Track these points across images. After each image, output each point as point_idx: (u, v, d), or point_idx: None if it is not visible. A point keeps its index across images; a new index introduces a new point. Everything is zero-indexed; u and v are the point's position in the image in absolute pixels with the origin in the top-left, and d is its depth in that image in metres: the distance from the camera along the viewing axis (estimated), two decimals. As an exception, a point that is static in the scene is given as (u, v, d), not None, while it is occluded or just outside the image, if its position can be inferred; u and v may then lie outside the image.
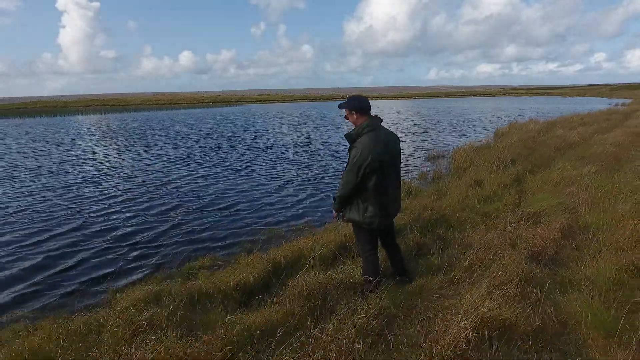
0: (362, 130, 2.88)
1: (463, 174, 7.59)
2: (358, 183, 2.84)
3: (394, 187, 3.00)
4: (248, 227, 5.74)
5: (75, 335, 2.64)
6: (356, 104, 2.94)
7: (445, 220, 4.87)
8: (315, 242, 4.04)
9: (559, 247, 3.85)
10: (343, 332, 2.43)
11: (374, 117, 2.96)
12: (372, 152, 2.78)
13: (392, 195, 2.99)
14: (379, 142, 2.84)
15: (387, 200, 2.96)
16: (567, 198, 5.05)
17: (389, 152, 2.91)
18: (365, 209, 2.93)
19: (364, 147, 2.81)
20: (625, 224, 3.95)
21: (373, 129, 2.88)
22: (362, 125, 2.90)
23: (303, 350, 2.30)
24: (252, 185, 8.39)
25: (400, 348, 2.39)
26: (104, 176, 9.49)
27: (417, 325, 2.54)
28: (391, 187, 2.96)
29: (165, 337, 2.45)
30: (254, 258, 3.92)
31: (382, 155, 2.82)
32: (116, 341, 2.52)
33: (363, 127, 2.89)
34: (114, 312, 2.85)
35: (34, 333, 2.74)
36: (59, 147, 15.32)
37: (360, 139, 2.87)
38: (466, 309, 2.49)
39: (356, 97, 2.96)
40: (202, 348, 2.31)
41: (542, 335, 2.51)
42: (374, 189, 2.87)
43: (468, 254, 3.54)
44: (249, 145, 14.91)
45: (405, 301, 2.95)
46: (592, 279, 3.13)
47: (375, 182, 2.85)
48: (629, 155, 8.00)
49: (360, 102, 2.93)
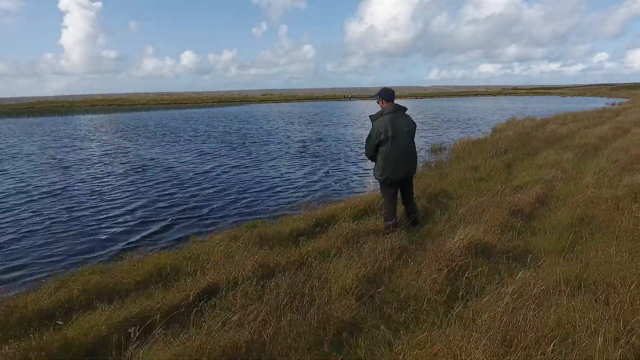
0: (382, 113, 4.08)
1: (462, 161, 8.73)
2: (372, 149, 4.12)
3: (402, 154, 4.11)
4: (288, 200, 7.09)
5: (190, 257, 3.81)
6: (383, 94, 4.16)
7: (447, 194, 6.02)
8: (346, 206, 5.21)
9: (534, 208, 5.00)
10: (376, 251, 3.59)
11: (394, 105, 4.14)
12: (383, 129, 3.98)
13: (401, 160, 4.12)
14: (390, 122, 4.01)
15: (394, 163, 4.10)
16: (546, 175, 6.20)
17: (396, 130, 4.05)
18: (378, 169, 4.18)
19: (379, 125, 4.03)
20: (586, 191, 5.10)
21: (389, 112, 4.07)
22: (383, 110, 4.11)
23: (351, 260, 3.45)
24: (283, 173, 9.60)
25: (415, 258, 3.55)
26: (145, 167, 10.62)
27: (426, 247, 3.70)
28: (400, 155, 4.09)
29: (252, 251, 3.63)
30: (299, 217, 5.08)
31: (389, 131, 3.98)
32: (218, 258, 3.69)
33: (382, 111, 4.11)
34: (211, 244, 4.03)
35: (162, 255, 3.91)
36: (92, 142, 16.57)
37: (379, 119, 4.07)
38: (460, 236, 3.65)
39: (384, 89, 4.19)
40: (283, 256, 3.48)
41: (513, 253, 3.66)
42: (384, 155, 4.08)
43: (464, 210, 4.70)
44: (267, 141, 16.06)
45: (417, 239, 4.11)
46: (554, 225, 4.29)
47: (385, 150, 4.06)
48: (608, 145, 9.12)
49: (386, 92, 4.16)
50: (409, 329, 2.53)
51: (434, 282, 2.98)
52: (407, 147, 4.19)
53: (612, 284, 2.87)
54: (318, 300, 2.80)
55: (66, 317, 2.80)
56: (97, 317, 2.58)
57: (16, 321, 2.78)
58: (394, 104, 4.17)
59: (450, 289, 2.94)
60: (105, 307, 2.75)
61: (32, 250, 4.93)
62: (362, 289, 2.96)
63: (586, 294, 2.78)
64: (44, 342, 2.36)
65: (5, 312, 2.85)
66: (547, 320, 2.43)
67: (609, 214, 4.31)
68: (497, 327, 2.28)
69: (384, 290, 3.02)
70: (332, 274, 3.15)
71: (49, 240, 5.27)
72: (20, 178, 9.36)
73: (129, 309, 2.71)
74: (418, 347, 2.22)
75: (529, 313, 2.43)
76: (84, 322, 2.56)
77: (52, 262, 4.59)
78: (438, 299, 2.82)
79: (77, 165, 11.04)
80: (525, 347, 2.19)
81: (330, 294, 2.90)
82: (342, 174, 9.56)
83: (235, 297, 2.82)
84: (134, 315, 2.62)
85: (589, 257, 3.30)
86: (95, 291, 3.16)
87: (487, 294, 2.77)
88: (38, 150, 14.34)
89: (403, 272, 3.30)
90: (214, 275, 3.17)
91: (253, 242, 4.04)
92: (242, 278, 3.10)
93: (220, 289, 3.00)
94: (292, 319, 2.56)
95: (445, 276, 3.04)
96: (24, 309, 2.90)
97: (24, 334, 2.55)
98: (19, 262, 4.62)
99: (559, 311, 2.50)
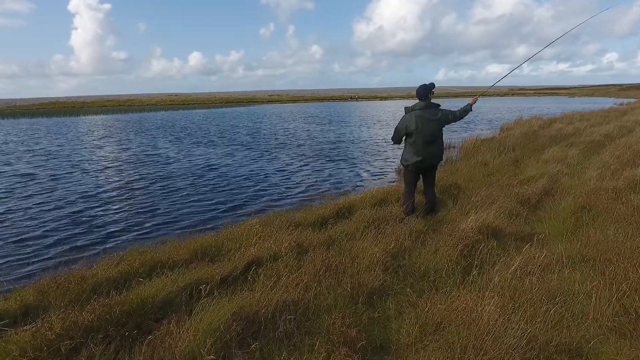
0: (412, 108, 4.52)
1: (471, 157, 9.11)
2: (399, 138, 4.63)
3: (425, 144, 4.52)
4: (332, 190, 7.58)
5: (231, 238, 4.25)
6: (417, 91, 4.61)
7: (458, 187, 6.40)
8: (365, 196, 5.64)
9: (540, 198, 5.38)
10: (397, 231, 4.01)
11: (426, 102, 4.53)
12: (409, 123, 4.44)
13: (423, 149, 4.53)
14: (417, 118, 4.45)
15: (416, 152, 4.53)
16: (552, 169, 6.57)
17: (420, 125, 4.47)
18: (403, 156, 4.67)
19: (406, 119, 4.49)
20: (589, 184, 5.48)
21: (419, 108, 4.49)
22: (414, 105, 4.54)
23: (376, 239, 3.87)
24: (333, 173, 9.69)
25: (432, 240, 3.96)
26: (202, 169, 10.57)
27: (441, 230, 4.11)
28: (422, 144, 4.51)
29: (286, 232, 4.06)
30: (322, 205, 5.51)
31: (413, 125, 4.44)
32: (253, 240, 4.13)
33: (413, 106, 4.54)
34: (247, 227, 4.47)
35: (204, 237, 4.37)
36: (136, 139, 17.17)
37: (409, 113, 4.50)
38: (472, 219, 4.05)
39: (421, 86, 4.61)
40: (314, 236, 3.92)
41: (520, 236, 4.06)
42: (409, 144, 4.56)
43: (475, 199, 5.11)
44: (302, 144, 15.30)
45: (433, 224, 4.51)
46: (558, 213, 4.68)
47: (410, 141, 4.53)
48: (612, 142, 9.46)
49: (419, 90, 4.59)
50: (430, 293, 2.94)
51: (450, 257, 3.40)
52: (430, 138, 4.56)
53: (608, 259, 3.27)
54: (350, 270, 3.23)
55: (132, 285, 3.26)
56: (164, 281, 3.04)
57: (90, 288, 3.24)
58: (426, 102, 4.55)
59: (465, 262, 3.36)
60: (167, 274, 3.20)
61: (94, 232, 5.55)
62: (388, 262, 3.38)
63: (585, 267, 3.18)
64: (123, 298, 2.82)
65: (79, 281, 3.31)
66: (550, 285, 2.84)
67: (609, 203, 4.69)
68: (506, 287, 2.69)
69: (406, 264, 3.44)
70: (359, 250, 3.58)
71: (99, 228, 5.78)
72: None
73: (189, 275, 3.16)
74: (440, 303, 2.64)
75: (534, 278, 2.84)
76: (152, 285, 3.01)
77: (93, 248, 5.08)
78: (454, 269, 3.23)
79: (133, 163, 11.53)
80: (531, 305, 2.60)
81: (360, 266, 3.32)
82: (358, 169, 9.95)
83: (278, 267, 3.25)
84: (194, 281, 3.07)
85: (588, 237, 3.70)
86: (152, 264, 3.61)
87: (497, 265, 3.18)
88: (81, 151, 14.90)
89: (422, 251, 3.72)
90: (257, 250, 3.61)
91: (285, 226, 4.47)
92: (281, 253, 3.54)
93: (264, 262, 3.44)
94: (329, 284, 2.99)
95: (460, 251, 3.46)
96: (94, 277, 3.35)
97: (101, 295, 3.01)
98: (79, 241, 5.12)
99: (561, 278, 2.91)
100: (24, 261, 4.68)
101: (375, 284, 3.07)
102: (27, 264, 4.61)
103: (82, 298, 3.05)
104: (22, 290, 3.59)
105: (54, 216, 6.35)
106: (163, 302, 2.84)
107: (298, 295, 2.79)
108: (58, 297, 3.13)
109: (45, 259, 4.73)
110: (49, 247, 5.10)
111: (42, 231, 5.66)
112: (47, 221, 6.10)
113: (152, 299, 2.83)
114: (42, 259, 4.75)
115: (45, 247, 5.11)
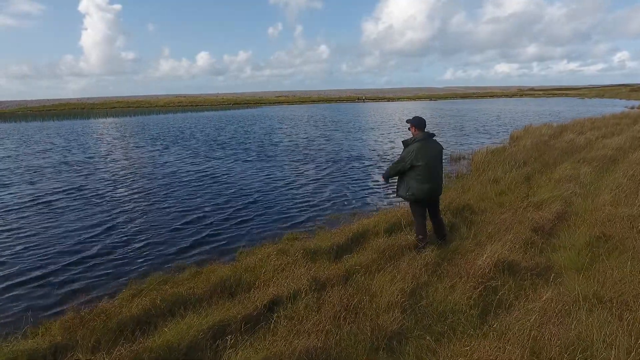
0: (414, 140, 4.55)
1: (482, 173, 9.10)
2: (401, 171, 4.60)
3: (430, 177, 4.55)
4: (346, 207, 7.53)
5: (247, 269, 4.33)
6: (415, 121, 4.64)
7: (470, 208, 6.43)
8: (378, 220, 5.69)
9: (554, 225, 5.39)
10: (413, 266, 4.05)
11: (425, 132, 4.58)
12: (414, 156, 4.45)
13: (429, 182, 4.55)
14: (421, 149, 4.48)
15: (423, 184, 4.54)
16: (564, 191, 6.57)
17: (427, 156, 4.51)
18: (408, 189, 4.62)
19: (410, 151, 4.50)
20: (603, 209, 5.48)
21: (420, 139, 4.52)
22: (415, 137, 4.57)
23: (392, 276, 3.92)
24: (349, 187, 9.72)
25: (447, 274, 4.00)
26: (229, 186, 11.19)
27: (457, 262, 4.15)
28: (427, 177, 4.52)
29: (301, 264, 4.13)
30: (336, 231, 5.57)
31: (420, 159, 4.45)
32: (273, 270, 4.20)
33: (414, 138, 4.56)
34: (262, 256, 4.55)
35: (221, 267, 4.45)
36: (176, 143, 17.35)
37: (411, 145, 4.53)
38: (488, 253, 4.09)
39: (417, 117, 4.67)
40: (331, 270, 3.98)
41: (536, 270, 4.08)
42: (414, 177, 4.54)
43: (489, 227, 5.13)
44: (336, 154, 14.91)
45: (448, 256, 4.55)
46: (573, 243, 4.69)
47: (416, 172, 4.52)
48: (625, 157, 9.39)
49: (418, 121, 4.63)
50: (449, 339, 2.99)
51: (468, 298, 3.44)
52: (434, 170, 4.63)
53: (625, 302, 3.29)
54: (369, 312, 3.29)
55: (155, 324, 3.35)
56: (188, 322, 3.12)
57: (115, 326, 3.33)
58: (425, 132, 4.62)
59: (482, 303, 3.40)
60: (190, 314, 3.29)
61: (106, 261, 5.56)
62: (405, 302, 3.43)
63: (602, 310, 3.20)
64: (150, 343, 2.90)
65: (104, 319, 3.41)
66: (569, 335, 2.87)
67: (624, 233, 4.68)
68: (526, 339, 2.73)
69: (423, 304, 3.49)
70: (377, 288, 3.63)
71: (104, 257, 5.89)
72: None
73: (212, 316, 3.24)
74: (460, 354, 2.69)
75: (553, 328, 2.88)
76: (177, 328, 3.10)
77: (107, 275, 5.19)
78: (473, 312, 3.27)
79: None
80: (551, 358, 2.64)
81: (378, 306, 3.38)
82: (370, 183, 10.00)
83: (299, 309, 3.32)
84: (217, 322, 3.15)
85: (605, 276, 3.71)
86: (173, 300, 3.70)
87: (516, 309, 3.22)
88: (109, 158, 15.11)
89: (438, 286, 3.77)
90: (276, 288, 3.68)
91: (300, 255, 4.54)
92: (300, 290, 3.61)
93: (283, 300, 3.50)
94: (350, 330, 3.05)
95: (479, 293, 3.49)
96: (118, 315, 3.45)
97: (127, 337, 3.10)
98: (84, 272, 5.23)
99: (579, 326, 2.94)
100: (46, 287, 4.80)
101: (394, 327, 3.12)
102: (49, 290, 4.73)
103: (108, 339, 3.14)
104: (48, 324, 3.71)
105: (72, 243, 6.35)
106: (188, 347, 2.92)
107: (319, 343, 2.85)
108: (85, 336, 3.23)
109: (65, 282, 4.88)
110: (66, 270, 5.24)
111: (59, 256, 5.79)
112: (64, 246, 6.23)
113: (178, 344, 2.91)
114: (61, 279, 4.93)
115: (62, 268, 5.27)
